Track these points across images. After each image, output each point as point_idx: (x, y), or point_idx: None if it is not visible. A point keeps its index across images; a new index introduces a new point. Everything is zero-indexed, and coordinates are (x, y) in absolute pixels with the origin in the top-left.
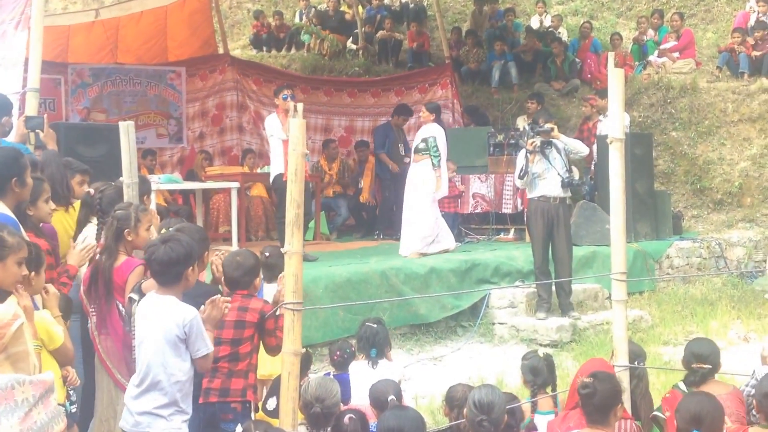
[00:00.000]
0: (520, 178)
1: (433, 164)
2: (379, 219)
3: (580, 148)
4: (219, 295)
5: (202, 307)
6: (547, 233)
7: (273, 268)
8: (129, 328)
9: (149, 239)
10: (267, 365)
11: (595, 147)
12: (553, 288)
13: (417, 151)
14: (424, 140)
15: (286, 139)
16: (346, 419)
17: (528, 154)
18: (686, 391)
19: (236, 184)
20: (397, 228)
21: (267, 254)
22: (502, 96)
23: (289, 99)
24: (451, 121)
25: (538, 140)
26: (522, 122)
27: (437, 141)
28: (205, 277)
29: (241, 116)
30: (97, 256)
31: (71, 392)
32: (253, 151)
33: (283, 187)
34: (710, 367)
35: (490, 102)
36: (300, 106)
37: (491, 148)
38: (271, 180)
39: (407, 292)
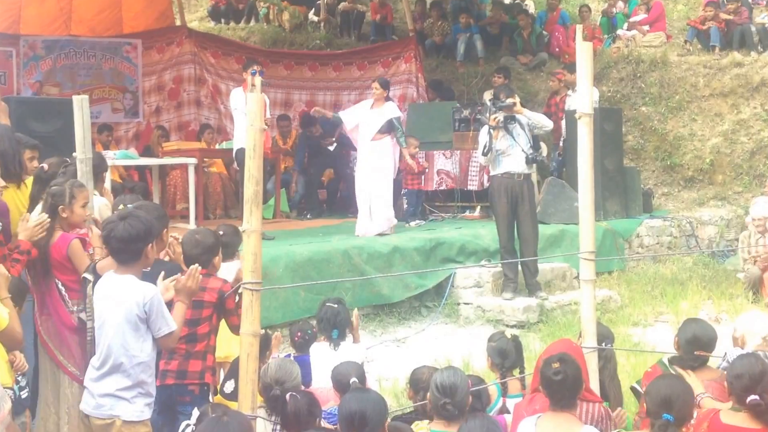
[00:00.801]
0: (484, 155)
1: (400, 144)
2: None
3: (545, 123)
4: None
5: (161, 283)
6: (511, 211)
7: (227, 247)
8: (77, 309)
9: (86, 216)
10: (224, 347)
11: (563, 122)
12: (520, 267)
13: (380, 131)
14: (390, 122)
15: None
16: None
17: (491, 131)
18: (672, 371)
19: (194, 160)
20: (336, 207)
21: (221, 232)
22: (468, 70)
23: (257, 75)
24: (416, 96)
25: (500, 116)
26: (488, 97)
27: (400, 121)
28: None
29: (199, 90)
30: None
31: (19, 378)
32: (211, 127)
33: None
34: (711, 354)
35: (455, 76)
36: (258, 80)
37: (456, 124)
38: (234, 154)
39: (370, 272)
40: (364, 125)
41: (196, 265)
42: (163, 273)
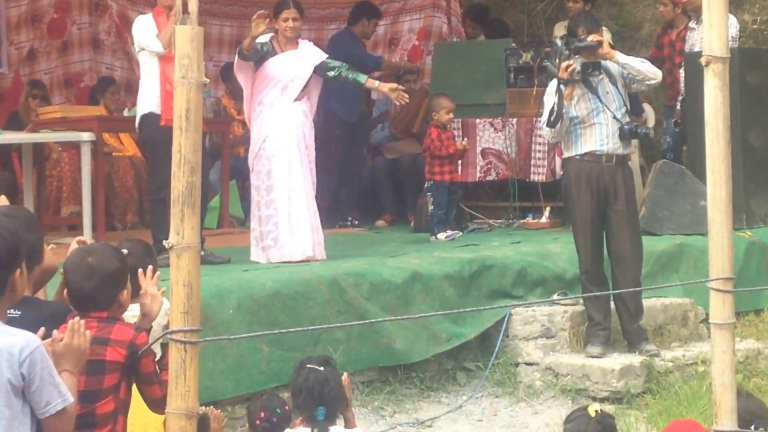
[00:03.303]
0: (550, 125)
1: (359, 79)
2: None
3: (650, 73)
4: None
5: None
6: (598, 215)
7: (136, 275)
8: None
9: None
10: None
11: (682, 72)
12: (613, 304)
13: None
14: (334, 67)
15: (169, 55)
16: None
17: (561, 87)
18: None
19: (89, 137)
20: (367, 207)
21: (125, 251)
22: None
23: None
24: (445, 31)
25: (577, 63)
26: (561, 32)
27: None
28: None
29: (97, 23)
30: None
31: None
32: (115, 82)
33: (158, 138)
34: None
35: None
36: (193, 2)
37: (512, 75)
38: (137, 125)
39: (374, 314)
40: (277, 80)
41: (79, 320)
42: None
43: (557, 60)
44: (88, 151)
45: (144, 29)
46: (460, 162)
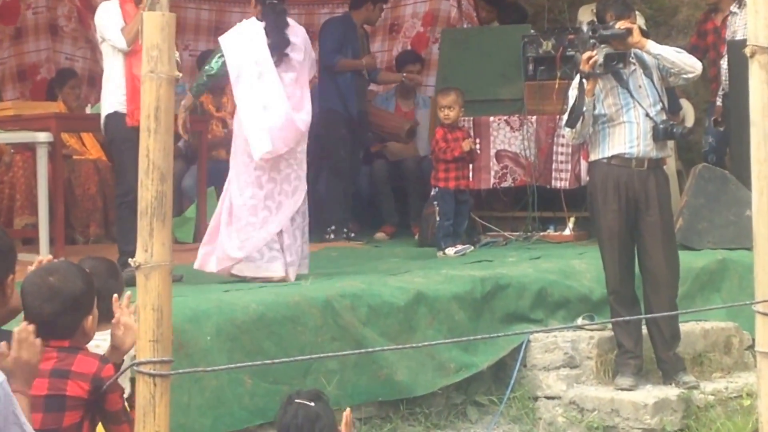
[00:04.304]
0: (569, 125)
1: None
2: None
3: (687, 64)
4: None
5: None
6: (627, 226)
7: (103, 299)
8: None
9: None
10: None
11: (724, 63)
12: (645, 329)
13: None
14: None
15: (136, 47)
16: None
17: (584, 80)
18: None
19: (46, 137)
20: (365, 217)
21: (86, 270)
22: None
23: None
24: (454, 15)
25: (601, 54)
26: (587, 17)
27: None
28: None
29: (56, 6)
30: None
31: None
32: (77, 75)
33: (125, 138)
34: None
35: None
36: None
37: (531, 66)
38: (102, 126)
39: (373, 341)
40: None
41: (26, 325)
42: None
43: (581, 49)
44: (45, 153)
45: (107, 19)
46: (471, 166)
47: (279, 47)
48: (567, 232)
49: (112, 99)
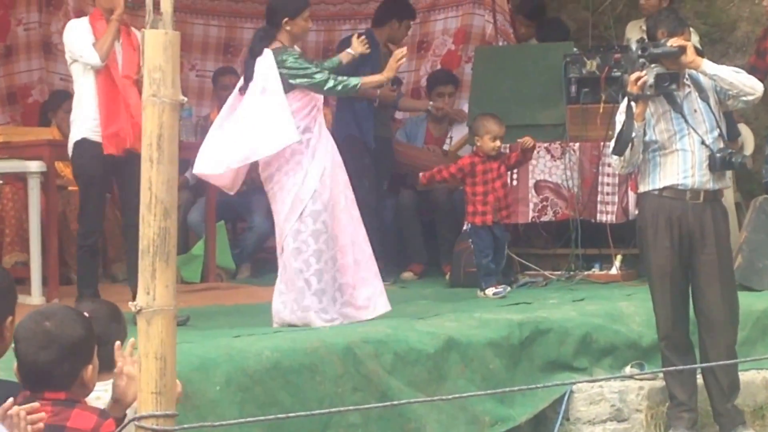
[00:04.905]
0: (617, 152)
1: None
2: None
3: (745, 87)
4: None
5: None
6: (681, 265)
7: (103, 345)
8: None
9: None
10: None
11: None
12: (701, 379)
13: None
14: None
15: (108, 67)
16: None
17: (633, 103)
18: None
19: (38, 166)
20: (390, 255)
21: (86, 314)
22: None
23: None
24: (489, 32)
25: (651, 74)
26: (636, 34)
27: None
28: None
29: (49, 21)
30: None
31: None
32: (71, 97)
33: (92, 172)
34: None
35: None
36: (167, 1)
37: (573, 89)
38: (69, 154)
39: (399, 392)
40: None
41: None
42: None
43: (629, 70)
44: (37, 184)
45: (77, 36)
46: (507, 197)
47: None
48: (614, 271)
49: (81, 125)
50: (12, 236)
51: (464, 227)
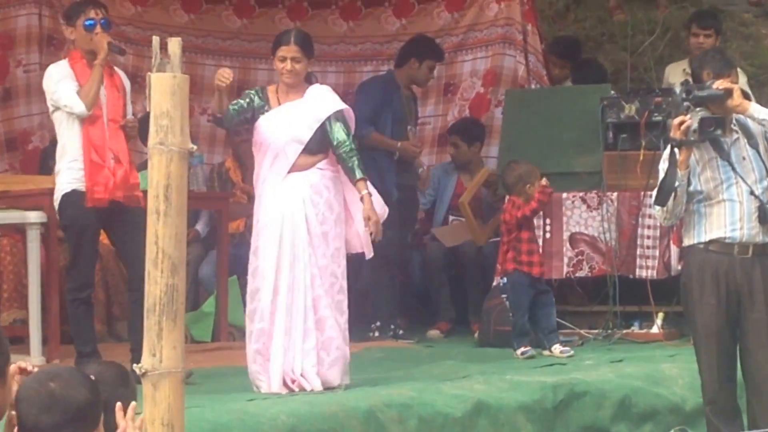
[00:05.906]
0: (659, 203)
1: (352, 173)
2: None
3: None
4: None
5: None
6: (728, 324)
7: (108, 410)
8: None
9: None
10: None
11: None
12: None
13: (309, 149)
14: (325, 126)
15: (95, 115)
16: None
17: (676, 150)
18: None
19: (38, 216)
20: (416, 312)
21: (92, 377)
22: (633, 17)
23: (98, 28)
24: (521, 74)
25: (696, 118)
26: (679, 77)
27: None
28: None
29: (51, 61)
30: None
31: None
32: None
33: (82, 223)
34: None
35: (606, 32)
36: (175, 43)
37: (611, 134)
38: (56, 207)
39: None
40: (266, 145)
41: None
42: None
43: (672, 114)
44: (37, 236)
45: (59, 83)
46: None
47: None
48: (655, 329)
49: (68, 176)
50: (10, 292)
51: (494, 282)
